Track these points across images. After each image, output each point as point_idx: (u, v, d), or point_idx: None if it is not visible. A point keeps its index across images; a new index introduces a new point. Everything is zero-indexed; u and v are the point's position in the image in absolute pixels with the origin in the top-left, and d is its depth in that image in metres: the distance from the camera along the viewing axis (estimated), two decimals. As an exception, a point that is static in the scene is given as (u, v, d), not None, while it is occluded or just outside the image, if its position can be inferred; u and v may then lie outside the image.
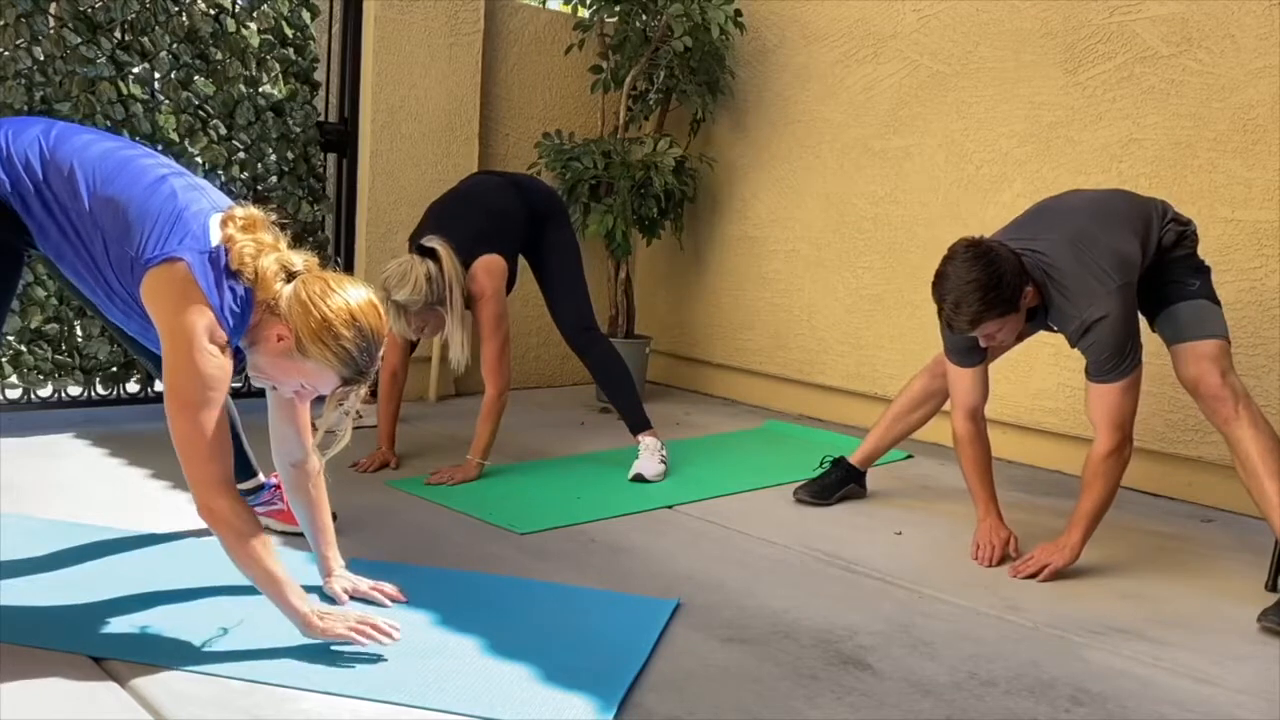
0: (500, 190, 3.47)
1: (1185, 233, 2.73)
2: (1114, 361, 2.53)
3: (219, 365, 1.88)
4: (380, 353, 1.99)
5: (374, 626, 1.98)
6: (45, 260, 2.13)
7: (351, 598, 2.23)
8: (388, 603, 2.22)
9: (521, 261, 3.54)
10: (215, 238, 1.93)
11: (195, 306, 1.86)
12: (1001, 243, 2.55)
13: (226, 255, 1.91)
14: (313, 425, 2.21)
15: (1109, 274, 2.52)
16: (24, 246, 2.07)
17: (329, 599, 2.21)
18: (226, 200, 2.06)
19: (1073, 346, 2.62)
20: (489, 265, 3.23)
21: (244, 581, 2.27)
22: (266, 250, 1.95)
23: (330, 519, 2.29)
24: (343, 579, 2.26)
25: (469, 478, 3.22)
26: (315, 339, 1.90)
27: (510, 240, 3.39)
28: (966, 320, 2.47)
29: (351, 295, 1.95)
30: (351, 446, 2.10)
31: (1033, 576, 2.60)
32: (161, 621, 2.08)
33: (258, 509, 2.55)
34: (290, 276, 1.96)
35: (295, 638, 2.00)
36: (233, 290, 1.90)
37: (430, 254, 3.15)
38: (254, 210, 2.00)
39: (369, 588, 2.24)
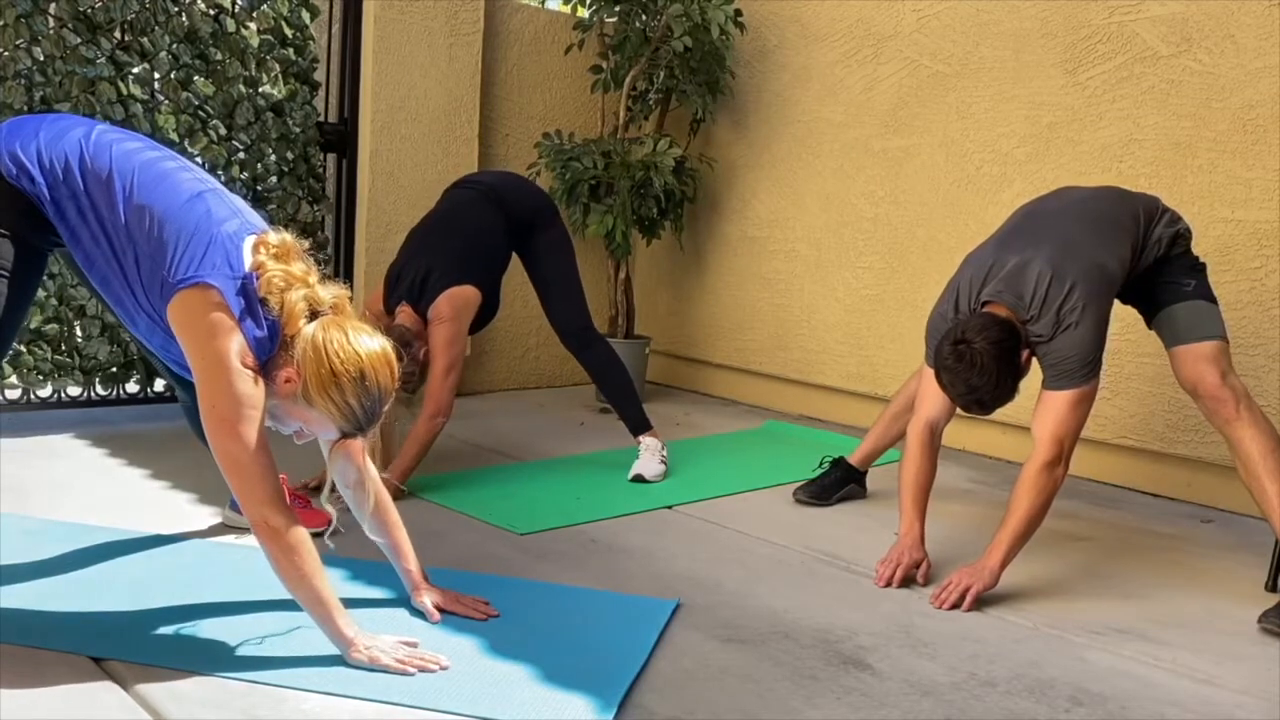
0: (474, 206, 3.40)
1: (1178, 232, 2.71)
2: (1072, 366, 2.46)
3: (254, 385, 1.86)
4: (385, 409, 1.94)
5: (421, 658, 1.94)
6: (67, 259, 2.10)
7: (441, 611, 2.18)
8: (481, 617, 2.19)
9: (517, 264, 3.53)
10: (248, 262, 1.90)
11: (225, 331, 1.83)
12: (990, 317, 2.46)
13: (256, 282, 1.88)
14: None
15: (1086, 291, 2.46)
16: (49, 247, 2.05)
17: (419, 613, 2.19)
18: (261, 222, 2.02)
19: (1036, 355, 2.54)
20: (452, 294, 3.17)
21: (241, 582, 2.27)
22: (296, 284, 1.90)
23: (405, 535, 2.21)
24: (431, 593, 2.21)
25: None
26: (321, 390, 1.86)
27: (490, 262, 3.34)
28: (982, 415, 2.54)
29: (365, 347, 1.89)
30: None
31: (956, 606, 2.42)
32: (162, 622, 2.08)
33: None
34: (315, 315, 1.91)
35: (296, 638, 2.00)
36: (261, 319, 1.88)
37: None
38: (288, 237, 1.96)
39: (456, 602, 2.20)
